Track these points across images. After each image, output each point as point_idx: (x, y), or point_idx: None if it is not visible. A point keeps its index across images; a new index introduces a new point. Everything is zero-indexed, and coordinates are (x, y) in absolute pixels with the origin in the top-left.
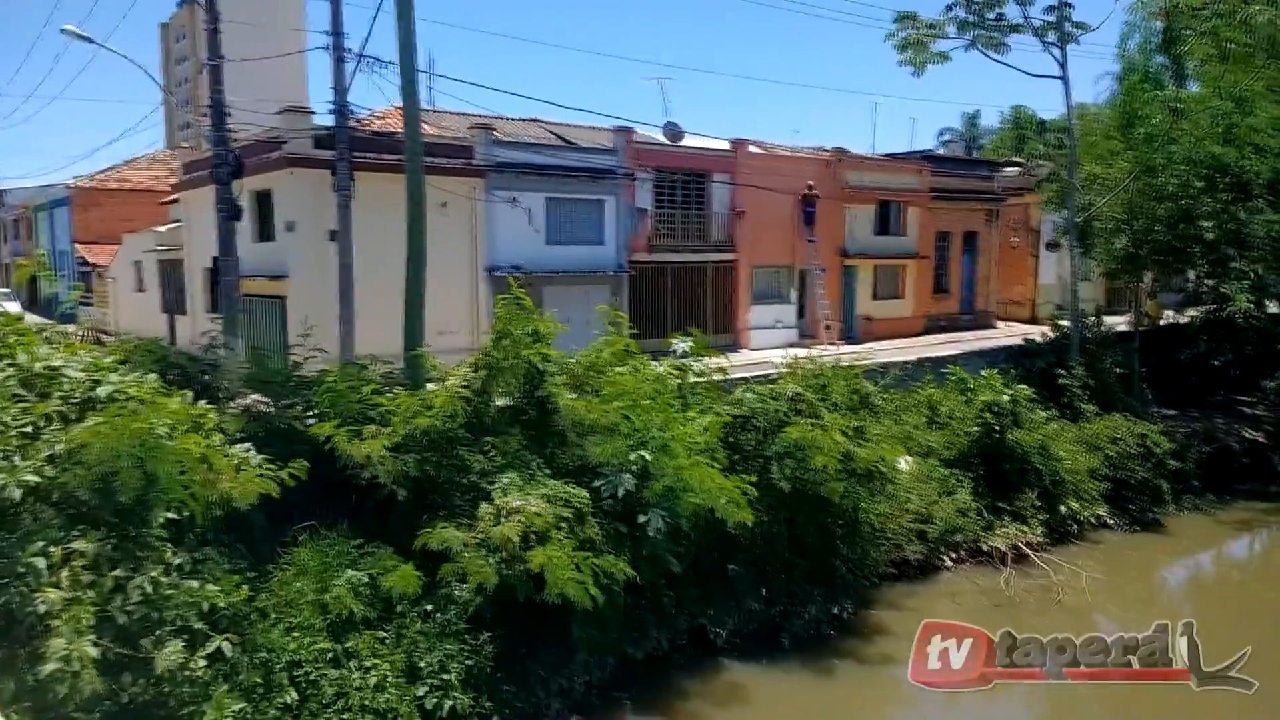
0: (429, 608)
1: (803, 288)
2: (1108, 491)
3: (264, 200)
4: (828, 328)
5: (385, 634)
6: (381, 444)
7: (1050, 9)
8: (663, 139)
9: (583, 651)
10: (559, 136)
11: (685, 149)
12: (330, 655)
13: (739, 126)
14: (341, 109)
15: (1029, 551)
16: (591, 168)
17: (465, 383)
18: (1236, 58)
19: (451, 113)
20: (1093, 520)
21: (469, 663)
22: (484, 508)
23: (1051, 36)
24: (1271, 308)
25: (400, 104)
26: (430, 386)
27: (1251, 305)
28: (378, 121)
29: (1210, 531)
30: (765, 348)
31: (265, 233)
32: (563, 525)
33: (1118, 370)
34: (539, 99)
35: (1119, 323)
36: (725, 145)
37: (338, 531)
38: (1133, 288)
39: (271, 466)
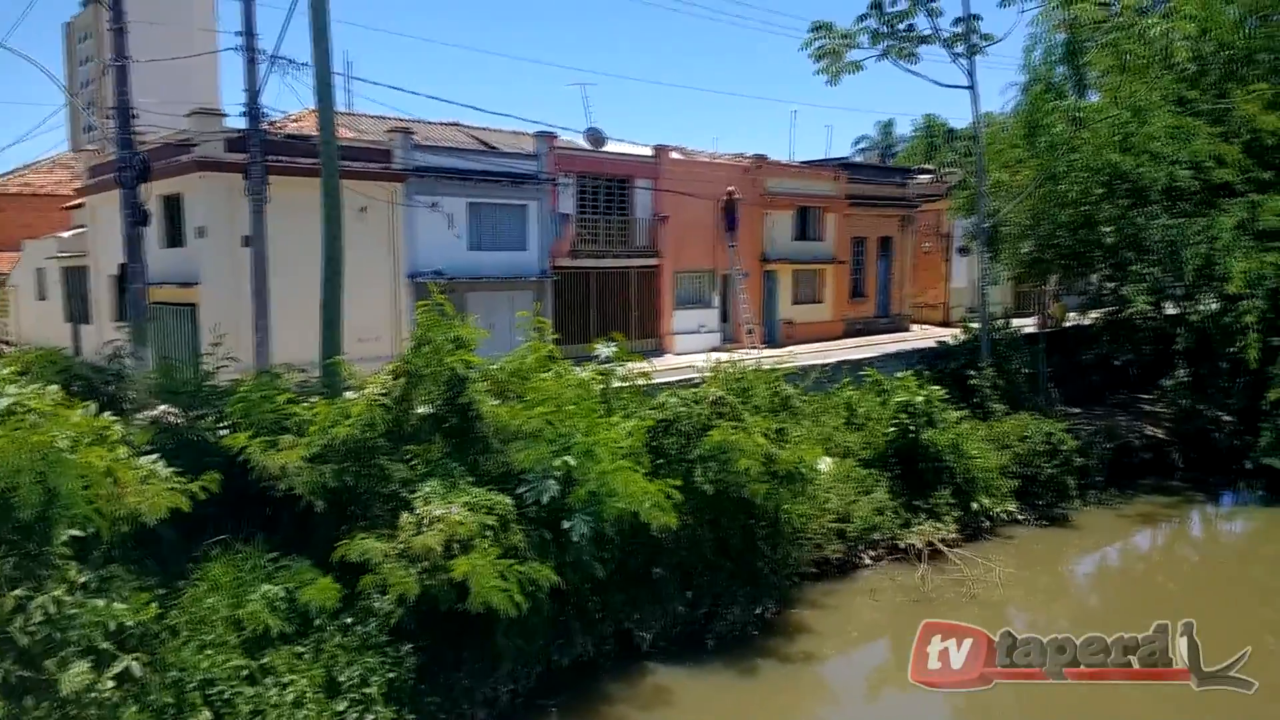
0: (349, 620)
1: (725, 292)
2: (1017, 488)
3: (173, 205)
4: (750, 332)
5: (303, 649)
6: (298, 454)
7: (958, 21)
8: (585, 144)
9: (508, 660)
10: (481, 141)
11: (608, 155)
12: (246, 672)
13: (661, 133)
14: (254, 111)
15: (944, 548)
16: (514, 173)
17: (385, 390)
18: (1134, 69)
19: (369, 116)
20: (1003, 516)
21: (391, 675)
22: (405, 517)
23: (960, 48)
24: (1169, 309)
25: (316, 107)
26: (349, 395)
27: (1149, 307)
28: (293, 124)
29: (1114, 525)
30: (689, 352)
31: (175, 238)
32: (487, 533)
33: (1025, 371)
34: (460, 103)
35: (1026, 325)
36: (647, 151)
37: (253, 545)
38: (1039, 291)
39: (182, 479)
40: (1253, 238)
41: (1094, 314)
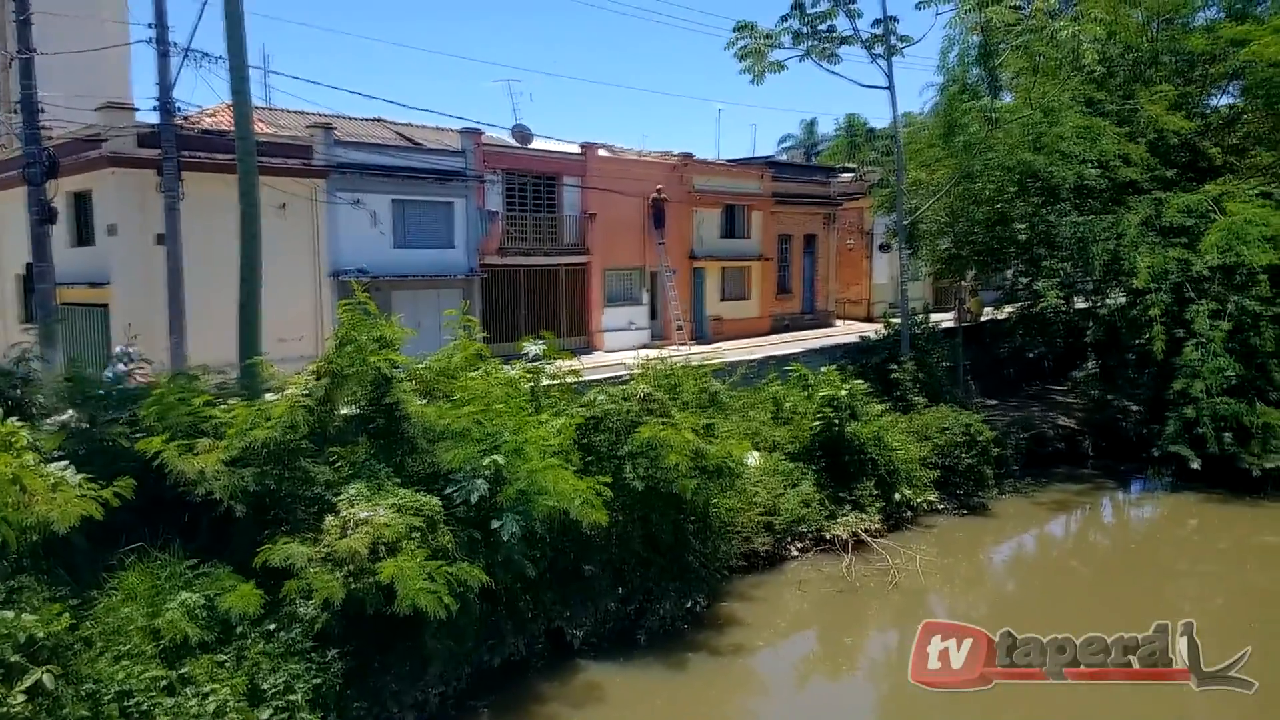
0: (272, 627)
1: (654, 290)
2: (937, 478)
3: (83, 202)
4: (679, 328)
5: (225, 657)
6: (216, 458)
7: (877, 22)
8: (512, 141)
9: (437, 662)
10: (405, 137)
11: (535, 152)
12: (164, 683)
13: (589, 131)
14: (167, 106)
15: (868, 538)
16: (439, 169)
17: (307, 391)
18: (1045, 70)
19: (289, 111)
20: (925, 506)
21: (316, 681)
22: (330, 520)
23: (879, 49)
24: (1079, 303)
25: (231, 101)
26: (270, 396)
27: (1061, 301)
28: (208, 119)
29: (1029, 513)
30: (619, 349)
31: (84, 237)
32: (414, 535)
33: (944, 364)
34: (383, 99)
35: (945, 319)
36: (575, 149)
37: (170, 552)
38: (956, 286)
39: (94, 486)
40: (1157, 234)
41: (1009, 308)
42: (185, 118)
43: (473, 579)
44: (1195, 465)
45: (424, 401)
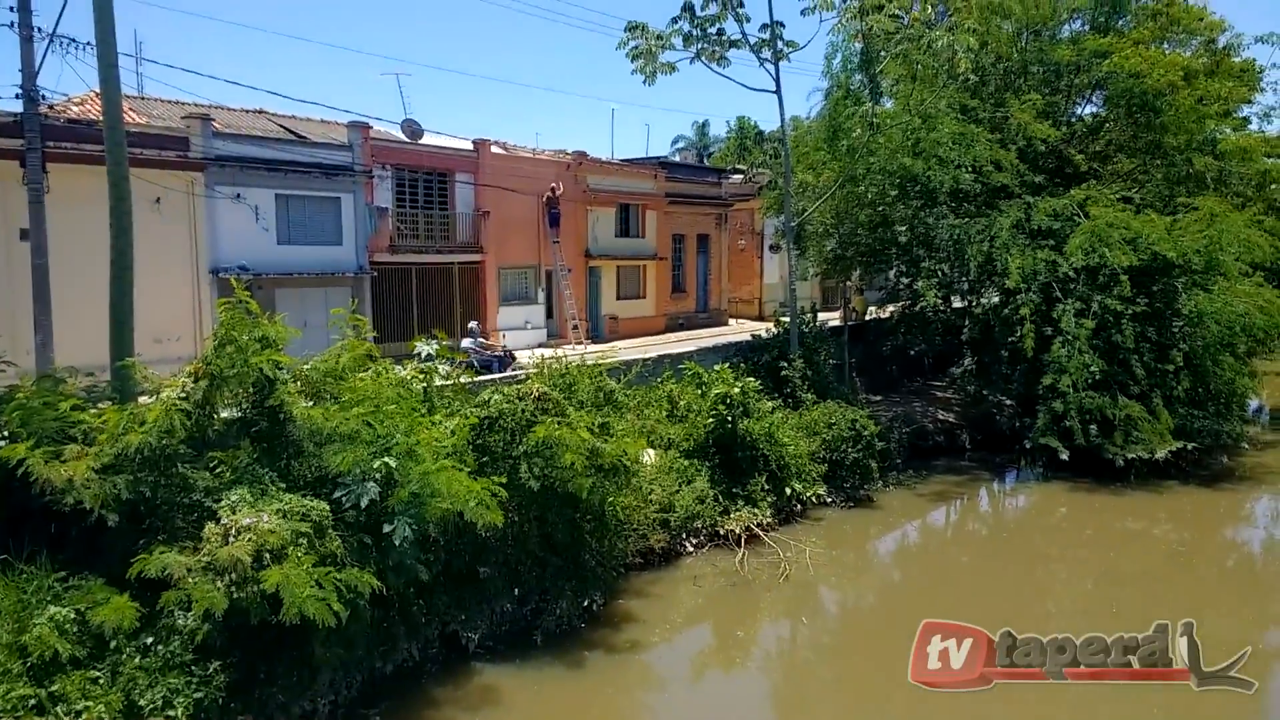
0: (149, 640)
1: (550, 288)
2: (826, 472)
3: None
4: (575, 327)
5: (98, 673)
6: (86, 465)
7: (764, 27)
8: (402, 136)
9: (327, 670)
10: (289, 130)
11: (426, 147)
12: (33, 702)
13: (483, 127)
14: (31, 93)
15: (760, 532)
16: (326, 164)
17: (184, 394)
18: (923, 78)
19: (164, 101)
20: (814, 499)
21: (198, 695)
22: (210, 528)
23: (766, 53)
24: (957, 302)
25: (100, 89)
26: (144, 400)
27: (939, 300)
28: (75, 108)
29: (912, 504)
30: (515, 348)
31: None
32: (301, 541)
33: (832, 362)
34: (264, 89)
35: (832, 318)
36: (468, 145)
37: (37, 565)
38: (843, 286)
39: None
40: (1027, 236)
41: (891, 308)
42: (51, 106)
43: (364, 585)
44: (1064, 456)
45: (311, 404)
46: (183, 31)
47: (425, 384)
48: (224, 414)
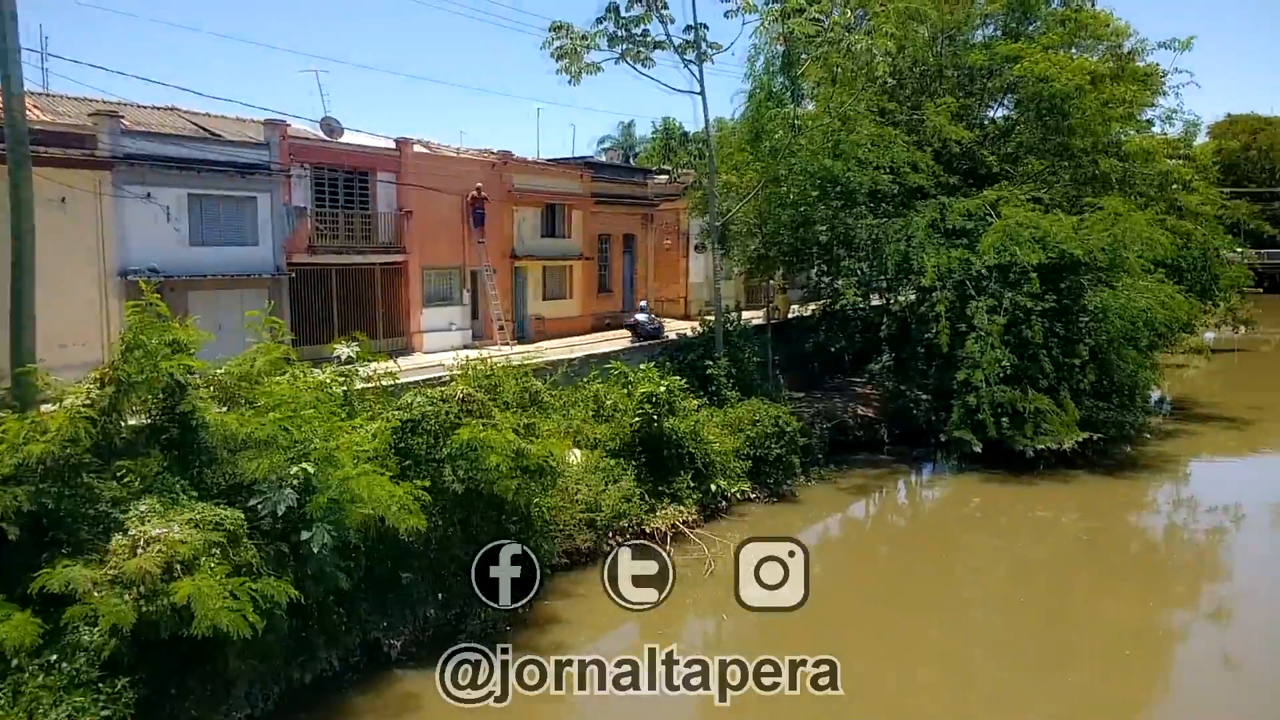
0: (53, 658)
1: (475, 289)
2: (750, 469)
3: None
4: (500, 328)
5: None
6: None
7: (688, 29)
8: (320, 134)
9: (242, 683)
10: (202, 128)
11: (346, 146)
12: None
13: (405, 126)
14: None
15: (686, 529)
16: (240, 162)
17: (89, 401)
18: (843, 81)
19: (70, 98)
20: (738, 495)
21: (105, 713)
22: (117, 540)
23: (690, 55)
24: (875, 300)
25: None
26: (47, 408)
27: (859, 299)
28: None
29: (834, 498)
30: (439, 350)
31: None
32: (214, 551)
33: (755, 360)
34: (176, 86)
35: (756, 317)
36: (389, 144)
37: None
38: (766, 285)
39: None
40: (943, 236)
41: (813, 306)
42: None
43: (280, 594)
44: (977, 448)
45: (224, 409)
46: (91, 26)
47: (345, 387)
48: (132, 421)
